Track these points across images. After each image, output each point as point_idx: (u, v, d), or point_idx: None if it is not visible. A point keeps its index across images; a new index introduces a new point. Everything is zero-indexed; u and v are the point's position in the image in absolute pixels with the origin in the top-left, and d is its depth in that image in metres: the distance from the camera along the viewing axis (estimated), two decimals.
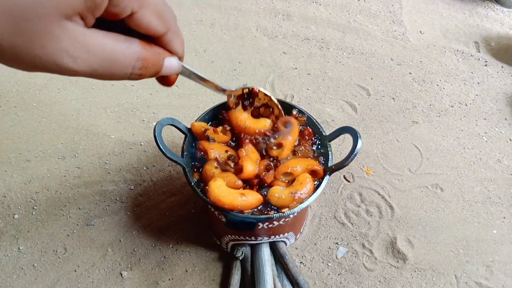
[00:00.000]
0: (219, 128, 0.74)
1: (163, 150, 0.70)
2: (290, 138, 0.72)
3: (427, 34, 1.52)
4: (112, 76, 0.30)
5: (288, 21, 1.52)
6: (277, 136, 0.72)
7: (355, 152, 0.68)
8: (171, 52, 0.35)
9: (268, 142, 0.72)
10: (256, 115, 0.72)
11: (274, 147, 0.72)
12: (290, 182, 0.70)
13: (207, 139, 0.72)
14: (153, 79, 0.37)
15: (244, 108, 0.72)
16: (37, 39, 0.25)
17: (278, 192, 0.66)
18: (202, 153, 0.72)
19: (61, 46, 0.26)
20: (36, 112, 1.14)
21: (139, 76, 0.32)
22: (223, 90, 0.55)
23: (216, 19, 1.51)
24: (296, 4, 1.60)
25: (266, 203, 0.68)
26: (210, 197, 0.65)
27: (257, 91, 0.68)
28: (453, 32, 1.53)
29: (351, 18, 1.56)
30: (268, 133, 0.72)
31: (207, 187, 0.66)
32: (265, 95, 0.68)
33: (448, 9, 1.65)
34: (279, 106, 0.70)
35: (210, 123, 0.79)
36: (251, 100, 0.71)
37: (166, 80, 0.39)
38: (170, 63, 0.35)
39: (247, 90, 0.68)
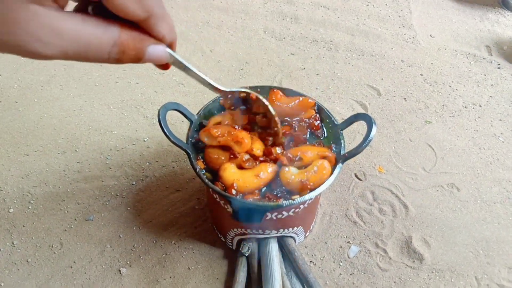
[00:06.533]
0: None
1: (167, 133, 0.66)
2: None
3: (438, 38, 1.49)
4: (86, 59, 0.29)
5: (296, 24, 1.50)
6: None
7: (369, 138, 0.65)
8: (157, 39, 0.33)
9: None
10: (253, 121, 0.67)
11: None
12: (302, 168, 0.66)
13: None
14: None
15: (241, 113, 0.67)
16: (2, 24, 0.24)
17: (291, 173, 0.63)
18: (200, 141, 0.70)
19: (30, 31, 0.25)
20: (37, 108, 1.11)
21: (116, 61, 0.31)
22: (217, 90, 0.51)
23: (223, 21, 1.49)
24: (304, 8, 1.59)
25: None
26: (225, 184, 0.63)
27: (254, 97, 0.62)
28: (463, 36, 1.50)
29: (360, 21, 1.53)
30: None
31: (220, 177, 0.63)
32: (263, 103, 0.62)
33: (458, 14, 1.63)
34: (277, 121, 0.64)
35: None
36: (248, 106, 0.65)
37: (160, 65, 0.38)
38: (155, 51, 0.33)
39: (244, 94, 0.62)
